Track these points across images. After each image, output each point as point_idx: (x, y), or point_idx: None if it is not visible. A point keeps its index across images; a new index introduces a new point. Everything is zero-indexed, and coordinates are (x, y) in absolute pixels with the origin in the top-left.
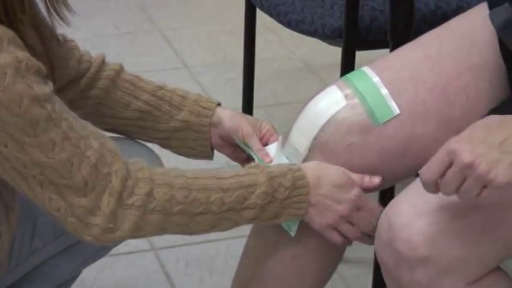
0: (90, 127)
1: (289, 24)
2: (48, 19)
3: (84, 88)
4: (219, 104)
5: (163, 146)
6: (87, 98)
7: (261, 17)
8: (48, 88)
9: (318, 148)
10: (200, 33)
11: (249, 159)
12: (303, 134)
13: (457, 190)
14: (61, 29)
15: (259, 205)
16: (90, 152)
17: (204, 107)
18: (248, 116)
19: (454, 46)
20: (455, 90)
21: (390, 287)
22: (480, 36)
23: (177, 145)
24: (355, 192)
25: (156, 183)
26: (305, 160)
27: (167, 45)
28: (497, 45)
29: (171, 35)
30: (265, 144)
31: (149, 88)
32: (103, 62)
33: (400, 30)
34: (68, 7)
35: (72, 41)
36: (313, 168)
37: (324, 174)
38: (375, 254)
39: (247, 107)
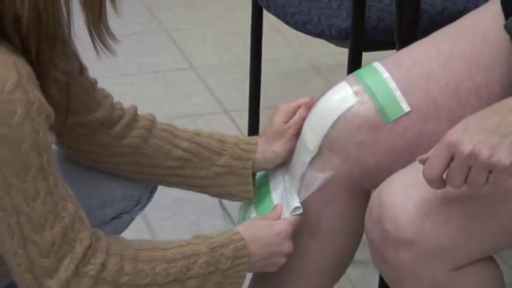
0: (69, 190)
1: (295, 25)
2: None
3: (119, 135)
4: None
5: (202, 192)
6: (123, 147)
7: (268, 18)
8: (50, 138)
9: (328, 146)
10: (207, 34)
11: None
12: (313, 131)
13: (464, 181)
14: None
15: (202, 275)
16: (65, 213)
17: (244, 150)
18: (269, 135)
19: (467, 44)
20: (467, 90)
21: (375, 262)
22: (492, 33)
23: (217, 192)
24: (287, 245)
25: (109, 253)
26: (315, 157)
27: (174, 45)
28: (509, 40)
29: (178, 35)
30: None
31: (186, 135)
32: (136, 112)
33: (406, 31)
34: (112, 37)
35: (103, 89)
36: (247, 234)
37: (257, 236)
38: None
39: (254, 108)
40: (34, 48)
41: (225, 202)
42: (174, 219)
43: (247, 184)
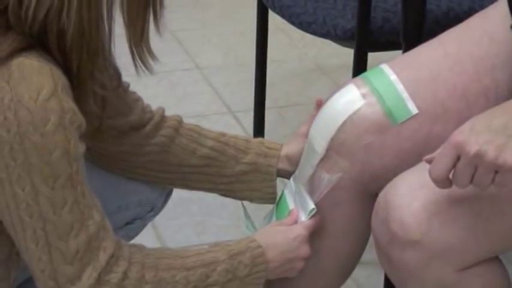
0: (96, 199)
1: (301, 25)
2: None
3: (148, 135)
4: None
5: (225, 193)
6: (152, 145)
7: (273, 18)
8: (81, 148)
9: (335, 149)
10: (212, 34)
11: None
12: (320, 134)
13: (470, 181)
14: None
15: (221, 282)
16: (91, 222)
17: (270, 148)
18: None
19: (474, 46)
20: (475, 93)
21: (382, 263)
22: (500, 34)
23: (242, 189)
24: (303, 249)
25: (131, 262)
26: (323, 160)
27: (179, 46)
28: None
29: (183, 36)
30: None
31: (212, 135)
32: (163, 113)
33: (412, 31)
34: (152, 56)
35: (135, 93)
36: (264, 241)
37: (273, 243)
38: None
39: (259, 108)
40: (76, 63)
41: (249, 211)
42: (179, 219)
43: (271, 181)
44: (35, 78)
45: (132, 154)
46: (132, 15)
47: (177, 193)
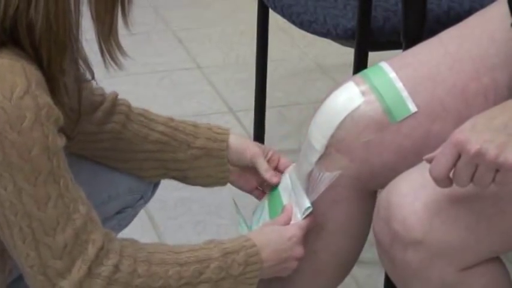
0: (80, 191)
1: (301, 24)
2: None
3: (100, 122)
4: None
5: (179, 179)
6: (104, 133)
7: (273, 18)
8: (60, 141)
9: (335, 146)
10: (213, 33)
11: (257, 187)
12: (320, 131)
13: (470, 180)
14: None
15: (213, 280)
16: (77, 215)
17: (218, 133)
18: (254, 142)
19: (474, 45)
20: (474, 92)
21: (384, 263)
22: (500, 33)
23: (195, 175)
24: (298, 250)
25: (123, 255)
26: (322, 157)
27: (180, 45)
28: None
29: (184, 35)
30: (275, 169)
31: (161, 120)
32: (116, 98)
33: (412, 31)
34: (122, 51)
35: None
36: (258, 241)
37: (268, 242)
38: None
39: (260, 108)
40: (46, 56)
41: (241, 208)
42: (180, 218)
43: (223, 165)
44: (8, 76)
45: (87, 142)
46: (99, 10)
47: (178, 193)
